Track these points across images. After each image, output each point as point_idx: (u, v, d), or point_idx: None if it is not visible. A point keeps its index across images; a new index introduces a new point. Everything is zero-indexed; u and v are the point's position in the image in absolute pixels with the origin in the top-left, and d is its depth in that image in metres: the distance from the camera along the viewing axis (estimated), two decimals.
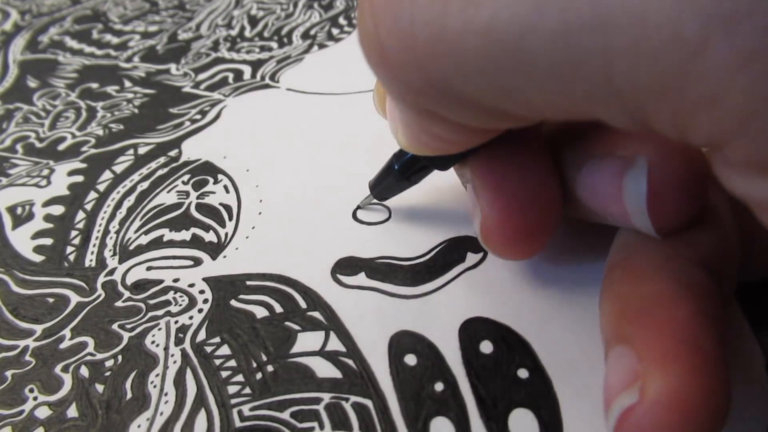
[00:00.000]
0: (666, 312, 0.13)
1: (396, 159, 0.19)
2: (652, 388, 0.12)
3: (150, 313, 0.20)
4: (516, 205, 0.16)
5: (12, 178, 0.28)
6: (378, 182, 0.21)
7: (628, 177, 0.14)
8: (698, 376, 0.12)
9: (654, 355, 0.12)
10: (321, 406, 0.17)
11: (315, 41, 0.34)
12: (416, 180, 0.20)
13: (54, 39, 0.40)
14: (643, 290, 0.14)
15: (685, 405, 0.12)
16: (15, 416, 0.18)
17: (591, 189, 0.15)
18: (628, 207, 0.14)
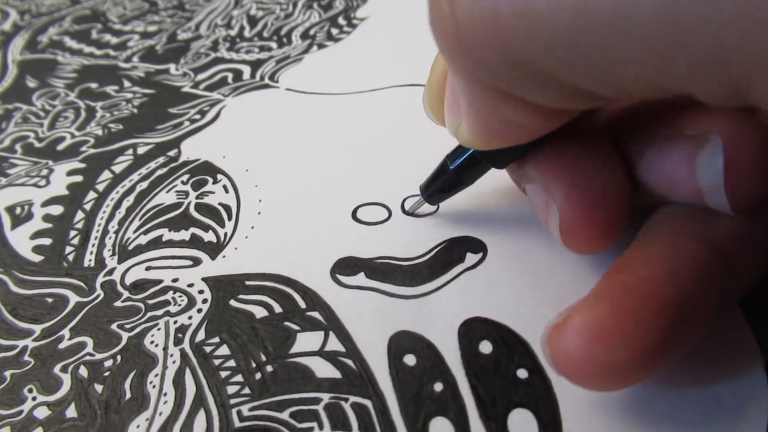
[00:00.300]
0: (633, 269, 0.14)
1: (450, 159, 0.19)
2: (577, 315, 0.13)
3: (149, 313, 0.20)
4: (595, 197, 0.15)
5: (11, 177, 0.28)
6: (431, 184, 0.20)
7: (703, 155, 0.14)
8: (622, 317, 0.13)
9: (597, 294, 0.13)
10: (320, 407, 0.17)
11: (314, 41, 0.34)
12: (471, 181, 0.19)
13: (53, 39, 0.40)
14: (633, 255, 0.14)
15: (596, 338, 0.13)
16: (14, 416, 0.18)
17: (659, 171, 0.15)
18: (703, 185, 0.14)
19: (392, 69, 0.30)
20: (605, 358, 0.13)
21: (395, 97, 0.28)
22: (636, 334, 0.13)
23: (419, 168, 0.23)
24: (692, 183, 0.15)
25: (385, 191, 0.23)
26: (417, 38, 0.32)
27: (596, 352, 0.13)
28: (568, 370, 0.13)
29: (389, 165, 0.24)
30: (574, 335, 0.13)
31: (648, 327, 0.13)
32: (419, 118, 0.26)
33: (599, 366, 0.13)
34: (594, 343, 0.13)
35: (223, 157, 0.26)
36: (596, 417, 0.15)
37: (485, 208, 0.21)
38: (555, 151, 0.16)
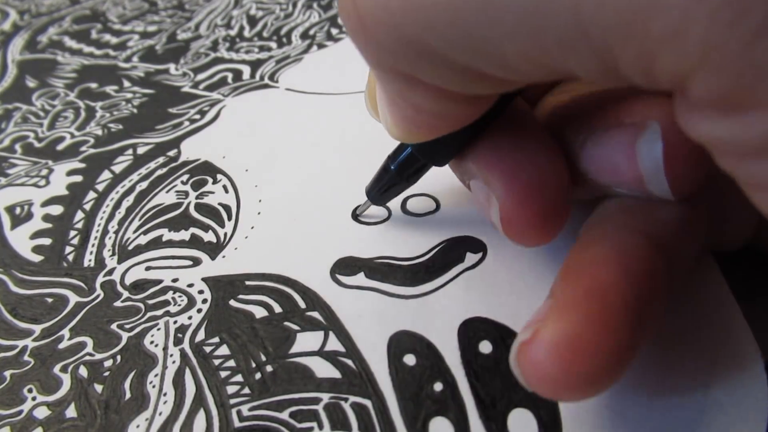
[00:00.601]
0: (588, 271, 0.14)
1: (391, 160, 0.19)
2: (544, 329, 0.13)
3: (149, 313, 0.20)
4: (533, 187, 0.16)
5: (11, 177, 0.28)
6: (374, 186, 0.20)
7: (642, 142, 0.14)
8: (590, 326, 0.13)
9: (559, 303, 0.13)
10: (320, 406, 0.17)
11: (314, 41, 0.34)
12: (413, 180, 0.19)
13: (53, 39, 0.40)
14: (584, 256, 0.14)
15: (567, 349, 0.12)
16: (14, 416, 0.18)
17: (600, 161, 0.15)
18: (644, 172, 0.14)
19: None
20: (578, 368, 0.12)
21: None
22: (606, 341, 0.12)
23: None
24: (633, 171, 0.15)
25: None
26: None
27: (569, 364, 0.12)
28: (541, 385, 0.13)
29: None
30: (545, 349, 0.13)
31: (616, 332, 0.13)
32: None
33: (573, 377, 0.12)
34: (566, 355, 0.12)
35: (222, 157, 0.26)
36: (596, 417, 0.15)
37: None
38: (493, 145, 0.16)
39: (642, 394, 0.15)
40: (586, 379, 0.12)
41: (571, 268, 0.14)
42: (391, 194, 0.20)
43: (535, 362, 0.13)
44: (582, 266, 0.14)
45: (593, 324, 0.13)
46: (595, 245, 0.14)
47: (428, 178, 0.22)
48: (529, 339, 0.13)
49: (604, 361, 0.12)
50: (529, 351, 0.13)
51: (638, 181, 0.15)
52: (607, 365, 0.12)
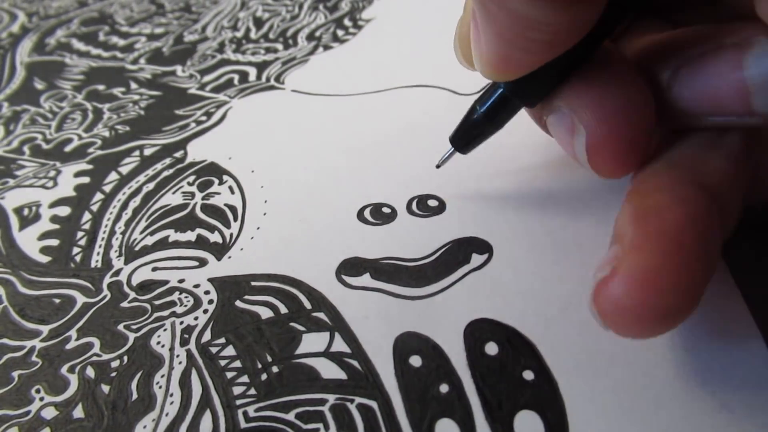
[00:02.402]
0: (656, 217, 0.14)
1: (479, 103, 0.19)
2: (623, 265, 0.13)
3: (155, 314, 0.20)
4: (621, 116, 0.16)
5: (19, 179, 0.28)
6: (459, 132, 0.20)
7: (751, 56, 0.15)
8: (667, 262, 0.13)
9: (633, 242, 0.14)
10: (326, 408, 0.17)
11: (320, 43, 0.34)
12: (501, 123, 0.19)
13: (61, 41, 0.40)
14: (646, 203, 0.15)
15: (648, 281, 0.13)
16: (22, 417, 0.18)
17: (698, 87, 0.16)
18: (754, 87, 0.15)
19: (398, 70, 0.30)
20: (658, 301, 0.13)
21: (401, 98, 0.28)
22: (682, 276, 0.13)
23: (425, 169, 0.23)
24: (739, 88, 0.15)
25: (390, 192, 0.23)
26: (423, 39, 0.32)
27: (650, 297, 0.13)
28: (621, 319, 0.13)
29: (395, 166, 0.24)
30: (625, 286, 0.13)
31: (689, 269, 0.13)
32: (425, 118, 0.26)
33: (653, 311, 0.13)
34: (646, 289, 0.13)
35: (229, 159, 0.26)
36: (602, 418, 0.15)
37: (491, 208, 0.21)
38: (580, 81, 0.16)
39: (648, 395, 0.15)
40: (664, 313, 0.13)
41: (634, 213, 0.15)
42: (478, 140, 0.20)
43: (615, 297, 0.13)
44: (647, 211, 0.15)
45: (670, 261, 0.13)
46: (655, 194, 0.15)
47: (435, 180, 0.23)
48: (608, 276, 0.14)
49: (681, 295, 0.13)
50: (608, 287, 0.13)
51: (743, 99, 0.15)
52: (683, 299, 0.13)
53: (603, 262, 0.14)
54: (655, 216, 0.14)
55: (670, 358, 0.16)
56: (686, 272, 0.13)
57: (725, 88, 0.15)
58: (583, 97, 0.16)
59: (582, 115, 0.16)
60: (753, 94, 0.15)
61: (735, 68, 0.15)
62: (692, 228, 0.14)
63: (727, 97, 0.15)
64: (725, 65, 0.15)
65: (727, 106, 0.15)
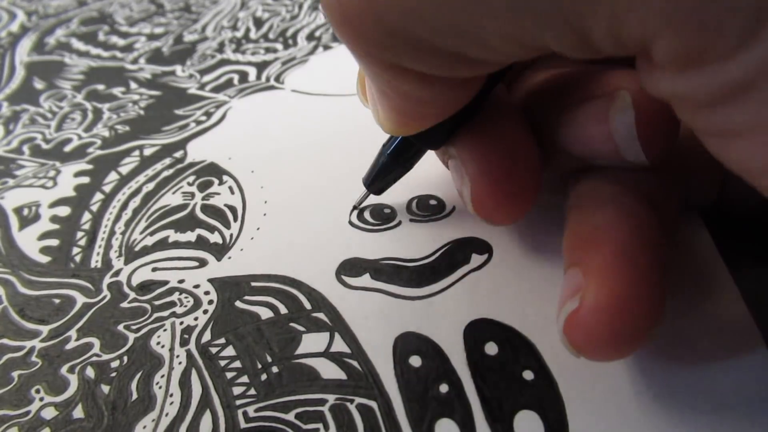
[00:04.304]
0: (607, 236, 0.15)
1: (385, 147, 0.20)
2: (589, 295, 0.14)
3: (155, 314, 0.20)
4: (502, 169, 0.17)
5: (19, 179, 0.28)
6: (371, 175, 0.21)
7: (614, 110, 0.15)
8: (630, 285, 0.14)
9: (594, 269, 0.14)
10: (326, 408, 0.17)
11: (320, 43, 0.34)
12: (409, 165, 0.20)
13: (60, 41, 0.40)
14: (591, 221, 0.15)
15: (616, 308, 0.13)
16: (21, 417, 0.18)
17: (575, 134, 0.16)
18: (618, 139, 0.15)
19: None
20: (627, 326, 0.13)
21: None
22: (646, 297, 0.14)
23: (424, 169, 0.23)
24: (608, 140, 0.15)
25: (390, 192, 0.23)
26: None
27: (618, 323, 0.13)
28: (593, 347, 0.14)
29: None
30: (594, 315, 0.13)
31: (651, 288, 0.14)
32: None
33: (623, 335, 0.13)
34: (616, 317, 0.13)
35: (228, 159, 0.26)
36: (602, 418, 0.15)
37: None
38: (470, 129, 0.17)
39: (647, 394, 0.15)
40: (634, 335, 0.13)
41: (585, 235, 0.15)
42: (388, 182, 0.21)
43: (587, 327, 0.14)
44: (598, 233, 0.15)
45: (633, 285, 0.14)
46: (599, 212, 0.15)
47: (433, 179, 0.23)
48: (577, 308, 0.14)
49: (648, 316, 0.14)
50: (578, 318, 0.14)
51: (613, 149, 0.15)
52: (649, 319, 0.14)
53: (567, 290, 0.15)
54: (605, 235, 0.15)
55: (669, 358, 0.16)
56: (648, 292, 0.14)
57: (597, 139, 0.16)
58: (470, 149, 0.17)
59: (467, 166, 0.17)
60: (620, 147, 0.15)
61: (602, 121, 0.15)
62: (642, 243, 0.14)
63: (600, 147, 0.16)
64: (595, 118, 0.15)
65: (600, 154, 0.16)
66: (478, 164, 0.17)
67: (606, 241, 0.14)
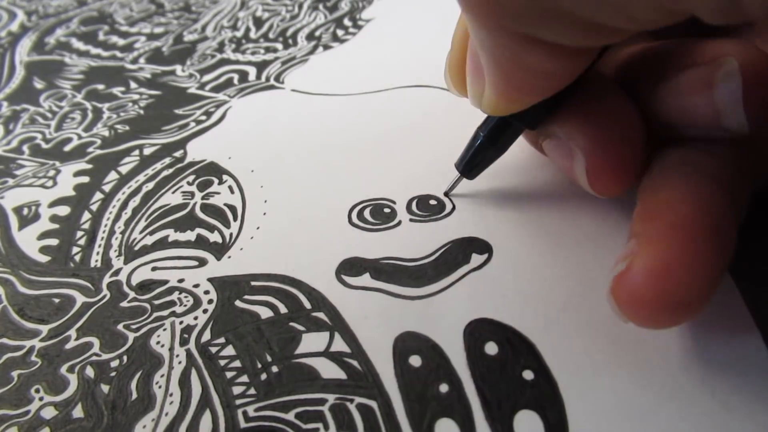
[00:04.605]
0: (669, 209, 0.15)
1: (482, 129, 0.20)
2: (639, 259, 0.14)
3: (155, 314, 0.20)
4: (615, 137, 0.17)
5: (18, 178, 0.28)
6: (464, 158, 0.20)
7: (721, 76, 0.15)
8: (681, 254, 0.14)
9: (648, 237, 0.15)
10: (326, 407, 0.17)
11: (320, 42, 0.34)
12: (504, 146, 0.20)
13: (60, 40, 0.40)
14: (657, 198, 0.16)
15: (664, 273, 0.14)
16: (21, 416, 0.18)
17: (676, 101, 0.16)
18: (723, 105, 0.15)
19: (398, 70, 0.30)
20: (673, 291, 0.14)
21: (401, 98, 0.28)
22: (695, 267, 0.14)
23: (425, 169, 0.23)
24: (711, 106, 0.16)
25: (390, 192, 0.23)
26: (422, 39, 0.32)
27: (665, 287, 0.14)
28: (638, 310, 0.14)
29: (395, 166, 0.24)
30: (642, 277, 0.14)
31: (702, 259, 0.14)
32: (425, 118, 0.26)
33: (669, 301, 0.14)
34: (663, 280, 0.14)
35: (228, 158, 0.26)
36: (602, 418, 0.15)
37: (491, 209, 0.21)
38: (574, 105, 0.17)
39: (648, 394, 0.15)
40: (679, 302, 0.14)
41: (648, 211, 0.15)
42: (483, 165, 0.20)
43: (633, 289, 0.14)
44: (659, 207, 0.15)
45: (683, 252, 0.14)
46: (665, 190, 0.16)
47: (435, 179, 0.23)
48: (625, 270, 0.14)
49: (695, 285, 0.14)
50: (625, 280, 0.14)
51: (714, 117, 0.16)
52: (697, 289, 0.14)
53: (620, 256, 0.15)
54: (668, 210, 0.15)
55: (669, 358, 0.16)
56: (700, 263, 0.14)
57: (699, 105, 0.16)
58: (578, 123, 0.17)
59: (578, 141, 0.17)
60: (722, 112, 0.15)
61: (706, 88, 0.16)
62: (704, 219, 0.14)
63: (699, 113, 0.16)
64: (698, 84, 0.16)
65: (700, 121, 0.16)
66: (591, 137, 0.17)
67: (665, 216, 0.15)
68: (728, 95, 0.15)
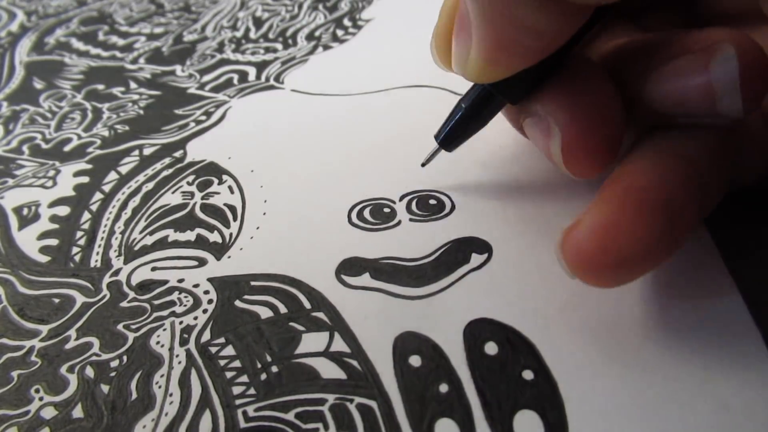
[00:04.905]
0: (630, 177, 0.15)
1: (464, 100, 0.19)
2: (587, 216, 0.15)
3: (155, 314, 0.20)
4: (593, 117, 0.17)
5: (18, 179, 0.28)
6: (444, 129, 0.20)
7: (717, 60, 0.15)
8: (626, 213, 0.14)
9: (601, 198, 0.15)
10: (325, 407, 0.17)
11: (320, 43, 0.34)
12: (485, 119, 0.20)
13: (60, 40, 0.40)
14: (625, 168, 0.16)
15: (606, 230, 0.14)
16: (21, 416, 0.18)
17: (670, 86, 0.16)
18: (719, 89, 0.15)
19: (397, 70, 0.30)
20: (616, 248, 0.14)
21: (401, 98, 0.28)
22: (638, 229, 0.14)
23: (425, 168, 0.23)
24: (706, 91, 0.16)
25: (390, 192, 0.23)
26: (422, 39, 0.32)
27: (607, 244, 0.14)
28: (581, 265, 0.15)
29: (394, 166, 0.24)
30: (586, 232, 0.15)
31: (648, 222, 0.14)
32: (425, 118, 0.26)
33: (610, 257, 0.14)
34: (605, 237, 0.14)
35: (228, 158, 0.26)
36: (602, 419, 0.15)
37: (490, 209, 0.21)
38: (555, 86, 0.17)
39: (648, 394, 0.15)
40: (620, 260, 0.14)
41: (613, 177, 0.16)
42: (462, 138, 0.20)
43: (577, 244, 0.15)
44: (621, 175, 0.16)
45: (628, 214, 0.14)
46: (635, 161, 0.16)
47: (434, 179, 0.23)
48: (571, 226, 0.15)
49: (637, 246, 0.14)
50: (571, 235, 0.15)
51: (708, 101, 0.16)
52: (639, 250, 0.14)
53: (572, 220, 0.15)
54: (626, 177, 0.15)
55: (669, 358, 0.16)
56: (644, 227, 0.14)
57: (692, 91, 0.16)
58: (558, 100, 0.17)
59: (557, 117, 0.17)
60: (718, 96, 0.16)
61: (702, 72, 0.16)
62: (659, 188, 0.15)
63: (694, 99, 0.16)
64: (693, 69, 0.16)
65: (694, 107, 0.16)
66: (569, 114, 0.17)
67: (624, 180, 0.15)
68: (725, 77, 0.15)
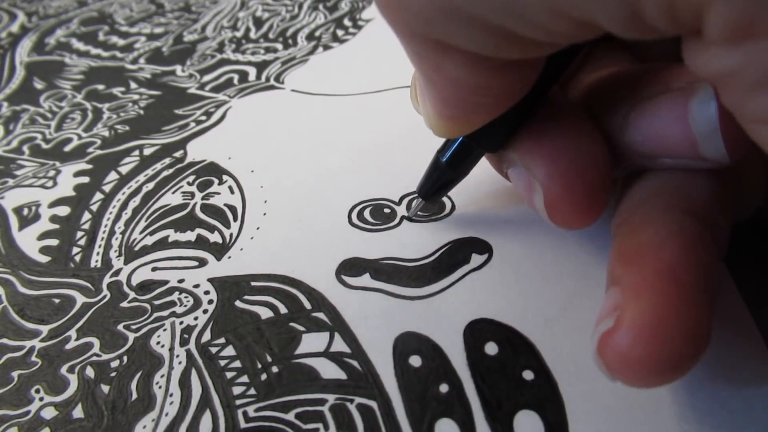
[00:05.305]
0: (652, 254, 0.14)
1: (441, 153, 0.19)
2: (627, 315, 0.13)
3: (155, 314, 0.20)
4: (575, 170, 0.16)
5: (18, 179, 0.28)
6: (426, 182, 0.20)
7: (695, 103, 0.14)
8: (672, 306, 0.13)
9: (634, 288, 0.13)
10: (326, 408, 0.17)
11: (320, 43, 0.34)
12: (465, 170, 0.19)
13: (60, 41, 0.40)
14: (637, 239, 0.14)
15: (655, 329, 0.12)
16: (21, 417, 0.18)
17: (648, 130, 0.15)
18: (698, 134, 0.14)
19: (397, 70, 0.30)
20: (667, 350, 0.12)
21: (400, 98, 0.28)
22: (688, 319, 0.13)
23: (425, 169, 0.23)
24: (686, 135, 0.15)
25: (390, 192, 0.23)
26: None
27: (657, 346, 0.12)
28: (629, 371, 0.13)
29: (394, 166, 0.24)
30: (631, 336, 0.13)
31: (695, 309, 0.13)
32: None
33: (662, 360, 0.12)
34: (653, 339, 0.12)
35: (228, 158, 0.26)
36: (602, 419, 0.15)
37: (490, 209, 0.21)
38: (533, 132, 0.16)
39: (648, 395, 0.15)
40: (674, 360, 0.12)
41: (629, 253, 0.14)
42: (444, 190, 0.20)
43: (622, 349, 0.13)
44: (641, 251, 0.14)
45: (674, 304, 0.13)
46: (646, 228, 0.14)
47: None
48: (612, 328, 0.13)
49: (689, 338, 0.12)
50: (613, 339, 0.13)
51: (691, 145, 0.15)
52: (692, 342, 0.12)
53: (604, 310, 0.14)
54: (651, 255, 0.14)
55: None
56: (691, 313, 0.13)
57: (673, 134, 0.15)
58: (536, 152, 0.16)
59: (536, 173, 0.16)
60: (699, 141, 0.14)
61: (681, 116, 0.15)
62: (689, 262, 0.13)
63: (676, 143, 0.15)
64: (672, 112, 0.15)
65: (677, 151, 0.15)
66: (548, 167, 0.16)
67: (649, 259, 0.14)
68: (704, 123, 0.14)
